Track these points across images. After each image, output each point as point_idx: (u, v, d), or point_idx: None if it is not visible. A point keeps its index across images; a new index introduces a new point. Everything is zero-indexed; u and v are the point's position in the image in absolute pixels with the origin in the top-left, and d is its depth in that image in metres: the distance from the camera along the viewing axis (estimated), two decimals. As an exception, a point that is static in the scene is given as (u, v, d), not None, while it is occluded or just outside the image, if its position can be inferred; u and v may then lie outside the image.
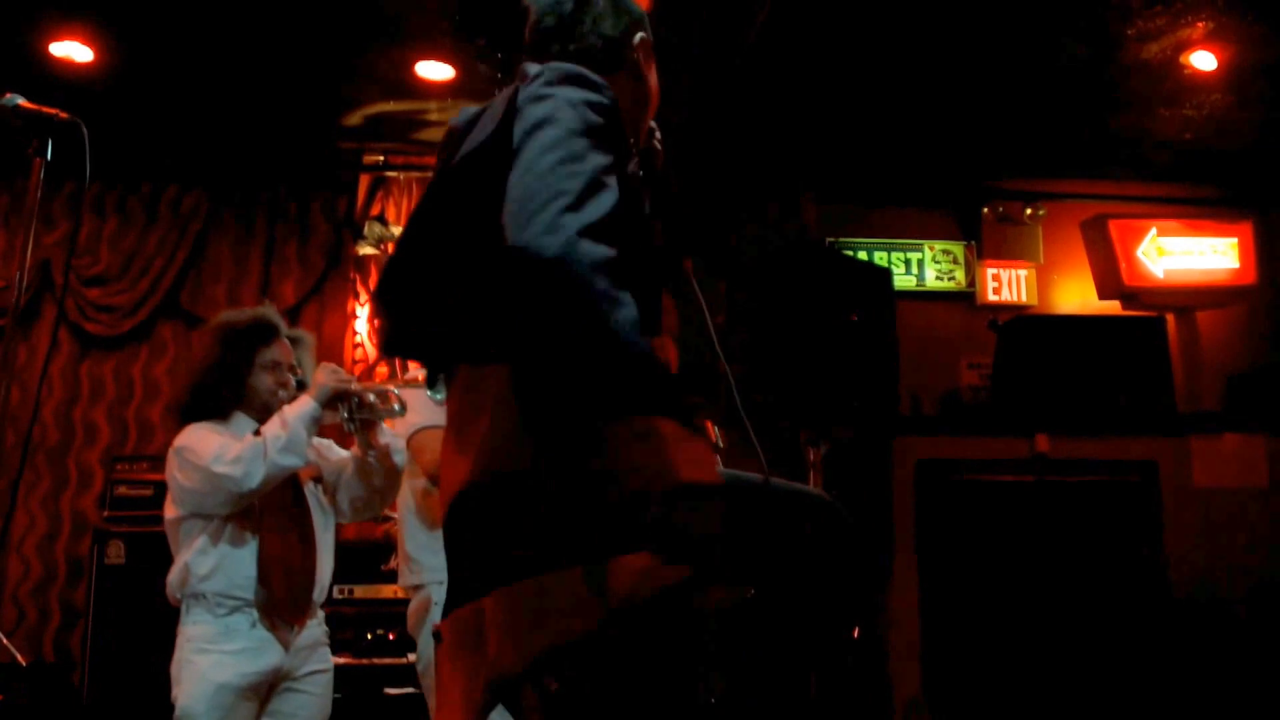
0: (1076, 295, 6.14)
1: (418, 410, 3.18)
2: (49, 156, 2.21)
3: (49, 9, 4.67)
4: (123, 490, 4.89)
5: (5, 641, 4.21)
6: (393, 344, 1.76)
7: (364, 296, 5.91)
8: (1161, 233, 6.14)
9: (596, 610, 1.42)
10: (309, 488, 2.96)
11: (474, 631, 1.53)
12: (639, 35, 1.79)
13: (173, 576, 2.78)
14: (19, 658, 4.25)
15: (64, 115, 2.17)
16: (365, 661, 4.55)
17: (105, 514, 5.00)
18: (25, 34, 4.83)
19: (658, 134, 1.83)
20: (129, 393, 5.87)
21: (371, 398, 2.91)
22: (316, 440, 2.92)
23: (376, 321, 3.35)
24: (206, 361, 2.90)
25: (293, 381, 2.94)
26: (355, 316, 5.92)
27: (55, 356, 5.83)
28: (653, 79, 1.83)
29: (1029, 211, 6.20)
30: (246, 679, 2.70)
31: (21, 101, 2.18)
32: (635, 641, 1.48)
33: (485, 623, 1.50)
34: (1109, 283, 6.06)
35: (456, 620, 1.59)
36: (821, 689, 3.65)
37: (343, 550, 5.04)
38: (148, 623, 2.80)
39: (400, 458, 3.02)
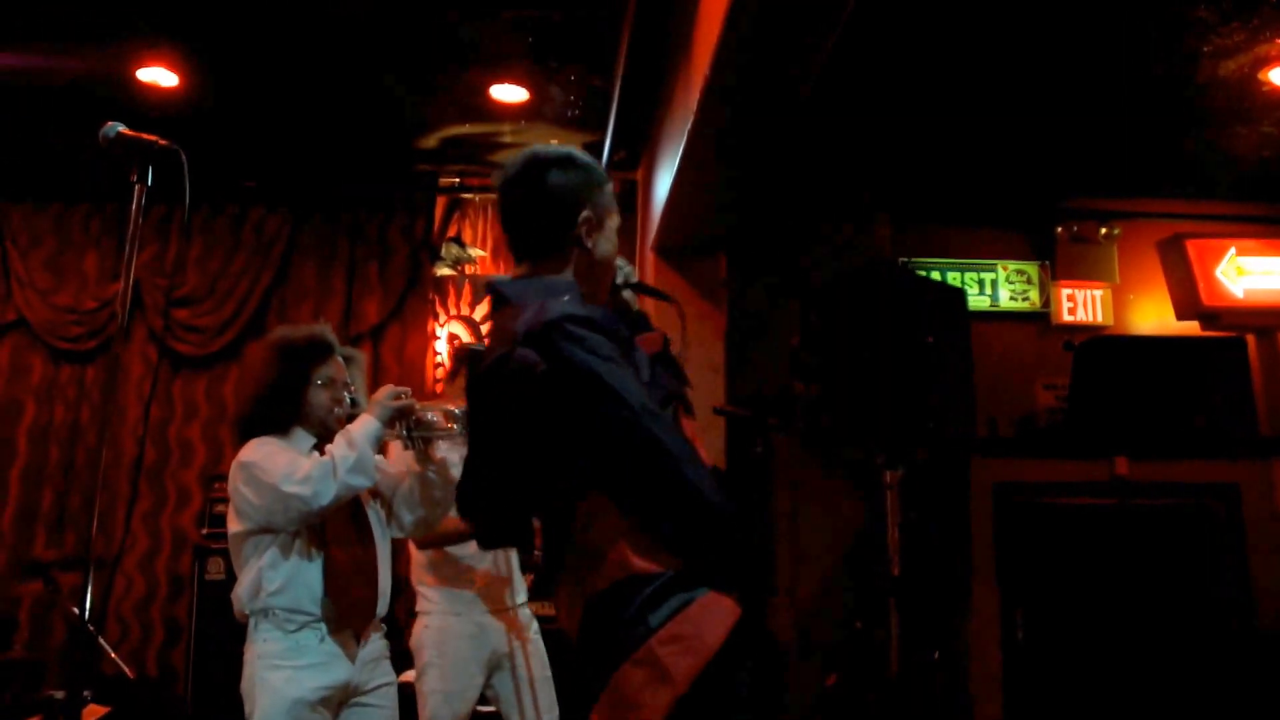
0: (1153, 316, 6.09)
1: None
2: (149, 183, 2.26)
3: (136, 36, 4.84)
4: (221, 508, 5.01)
5: (114, 655, 4.34)
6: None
7: (443, 317, 6.01)
8: (1241, 252, 6.06)
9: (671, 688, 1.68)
10: (369, 504, 3.01)
11: None
12: (582, 214, 2.01)
13: (241, 591, 2.82)
14: (127, 671, 4.38)
15: (163, 142, 2.22)
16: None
17: (204, 531, 5.16)
18: (113, 60, 5.02)
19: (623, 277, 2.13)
20: (221, 412, 6.04)
21: (430, 416, 2.95)
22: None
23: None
24: (266, 377, 2.93)
25: (347, 399, 2.97)
26: (435, 336, 6.03)
27: (147, 376, 6.01)
28: (602, 246, 2.05)
29: (1103, 231, 6.16)
30: (319, 693, 2.74)
31: (122, 129, 2.23)
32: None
33: None
34: (1187, 303, 5.99)
35: None
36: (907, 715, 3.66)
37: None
38: (248, 638, 2.86)
39: (457, 472, 3.07)
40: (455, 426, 2.99)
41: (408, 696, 3.32)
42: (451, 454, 3.07)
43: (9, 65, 5.03)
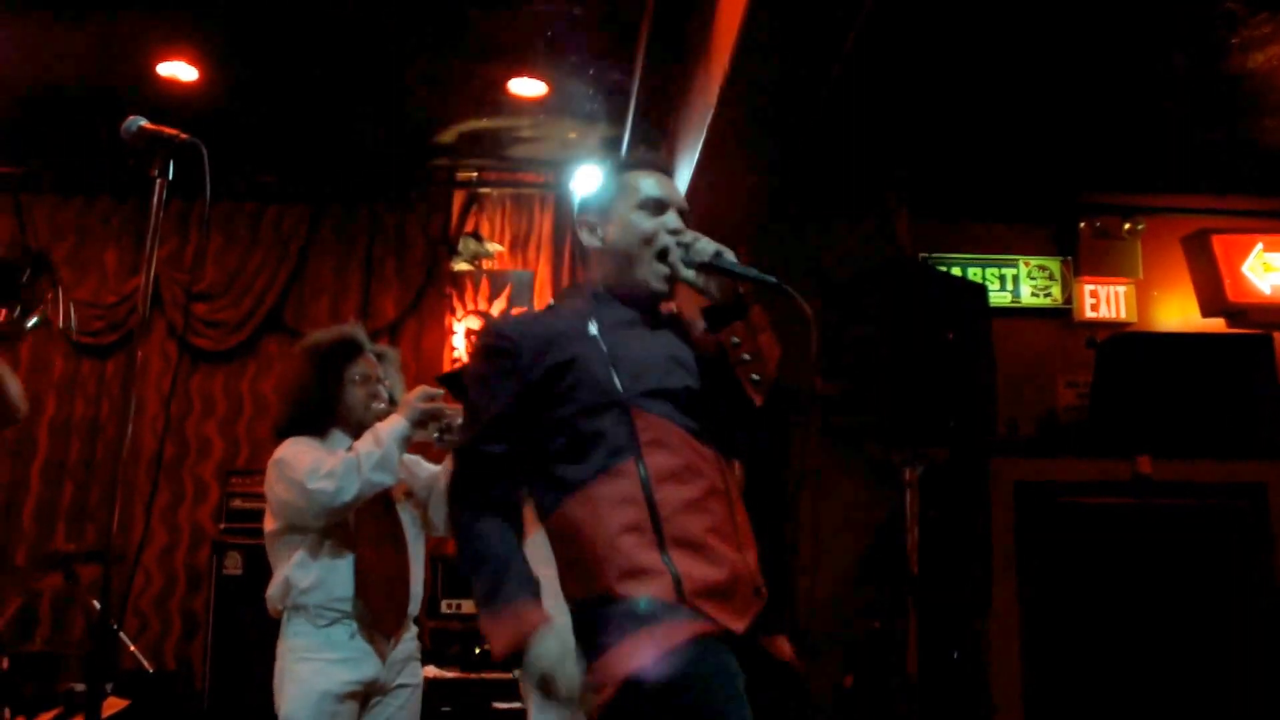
0: (1178, 312, 6.01)
1: None
2: (170, 177, 2.25)
3: (157, 30, 4.88)
4: (238, 503, 5.06)
5: (133, 648, 4.37)
6: None
7: (460, 312, 6.00)
8: (1268, 248, 5.96)
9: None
10: (401, 503, 3.03)
11: None
12: (576, 218, 2.19)
13: (273, 589, 2.86)
14: (146, 664, 4.41)
15: (184, 136, 2.20)
16: (474, 676, 4.64)
17: (222, 526, 5.18)
18: (134, 55, 5.05)
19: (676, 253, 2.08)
20: (238, 407, 6.08)
21: (460, 420, 2.98)
22: (406, 457, 2.97)
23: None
24: (299, 382, 2.99)
25: (384, 394, 3.01)
26: (452, 331, 6.02)
27: (166, 371, 6.05)
28: (611, 234, 2.10)
29: (1127, 226, 6.07)
30: (347, 687, 2.77)
31: (144, 123, 2.22)
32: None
33: None
34: (1212, 300, 5.91)
35: None
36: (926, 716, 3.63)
37: (450, 566, 5.19)
38: (265, 632, 2.88)
39: None
40: None
41: (429, 695, 3.33)
42: None
43: (30, 60, 5.05)
